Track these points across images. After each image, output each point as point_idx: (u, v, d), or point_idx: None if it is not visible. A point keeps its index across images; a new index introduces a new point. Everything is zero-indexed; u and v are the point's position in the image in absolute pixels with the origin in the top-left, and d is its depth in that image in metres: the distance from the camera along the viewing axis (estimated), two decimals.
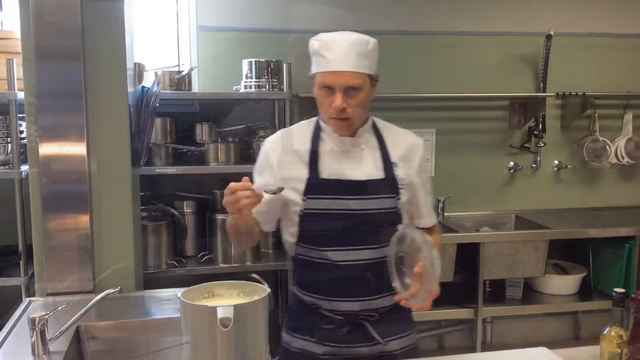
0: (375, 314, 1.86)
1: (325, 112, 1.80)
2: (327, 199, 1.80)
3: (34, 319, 1.77)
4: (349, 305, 1.83)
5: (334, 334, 1.84)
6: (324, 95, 1.77)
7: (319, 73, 1.77)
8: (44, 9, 2.28)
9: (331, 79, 1.73)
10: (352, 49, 1.73)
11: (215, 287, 1.40)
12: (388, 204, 1.83)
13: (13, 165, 2.84)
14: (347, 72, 1.72)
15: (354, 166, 1.83)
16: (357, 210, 1.79)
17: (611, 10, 3.98)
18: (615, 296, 1.63)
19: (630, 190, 4.16)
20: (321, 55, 1.75)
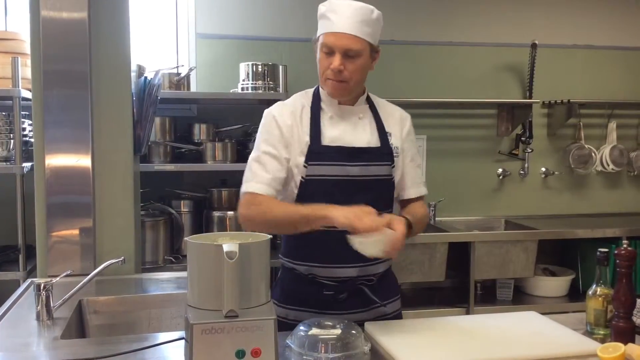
0: (373, 279, 1.91)
1: (322, 74, 1.84)
2: (329, 165, 1.83)
3: (39, 285, 1.83)
4: (347, 272, 1.86)
5: (334, 301, 1.87)
6: (324, 57, 1.81)
7: (323, 35, 1.81)
8: (52, 3, 2.37)
9: (332, 40, 1.78)
10: (356, 14, 1.78)
11: (219, 236, 1.46)
12: (384, 171, 1.88)
13: (15, 160, 2.91)
14: (348, 34, 1.76)
15: (353, 134, 1.88)
16: (357, 176, 1.84)
17: (594, 23, 4.15)
18: (599, 255, 1.71)
19: (616, 196, 4.27)
20: (326, 17, 1.81)
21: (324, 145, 1.85)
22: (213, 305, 1.34)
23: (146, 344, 1.58)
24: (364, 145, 1.88)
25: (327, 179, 1.84)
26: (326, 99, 1.92)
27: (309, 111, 1.90)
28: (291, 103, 1.94)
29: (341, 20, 1.77)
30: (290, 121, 1.88)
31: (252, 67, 3.35)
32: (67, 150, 2.40)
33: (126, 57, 2.47)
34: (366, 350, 1.53)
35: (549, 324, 1.77)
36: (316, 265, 1.88)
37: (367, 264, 1.86)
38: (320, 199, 1.81)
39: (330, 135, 1.87)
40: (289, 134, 1.87)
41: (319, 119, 1.89)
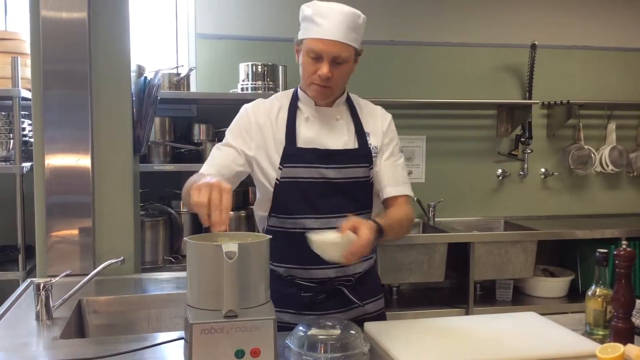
0: (352, 279, 1.90)
1: (307, 78, 1.80)
2: (304, 167, 1.82)
3: (38, 284, 1.83)
4: (325, 273, 1.85)
5: (313, 302, 1.86)
6: (310, 62, 1.77)
7: (309, 39, 1.76)
8: (52, 3, 2.37)
9: (321, 47, 1.74)
10: (345, 20, 1.75)
11: (218, 236, 1.46)
12: (362, 173, 1.86)
13: (15, 160, 2.91)
14: (338, 42, 1.73)
15: (330, 136, 1.86)
16: (333, 179, 1.82)
17: (593, 24, 4.16)
18: (598, 256, 1.71)
19: (615, 197, 4.27)
20: (313, 21, 1.75)
21: (298, 147, 1.83)
22: (212, 305, 1.34)
23: (146, 344, 1.58)
24: (340, 147, 1.85)
25: (302, 181, 1.82)
26: (304, 100, 1.89)
27: (286, 111, 1.88)
28: (269, 102, 1.92)
29: (331, 26, 1.73)
30: (263, 120, 1.86)
31: (252, 67, 3.35)
32: (66, 150, 2.40)
33: (126, 57, 2.47)
34: (365, 351, 1.53)
35: (548, 324, 1.77)
36: (294, 267, 1.86)
37: (344, 265, 1.79)
38: (295, 201, 1.82)
39: (306, 137, 1.85)
40: (259, 132, 1.85)
41: (295, 120, 1.87)
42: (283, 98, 1.93)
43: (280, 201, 1.84)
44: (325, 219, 1.82)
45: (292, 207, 1.83)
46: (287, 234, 1.84)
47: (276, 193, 1.84)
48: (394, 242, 3.36)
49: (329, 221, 1.81)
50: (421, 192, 3.88)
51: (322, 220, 1.82)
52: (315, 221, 1.82)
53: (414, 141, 3.94)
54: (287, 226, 1.84)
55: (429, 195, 3.89)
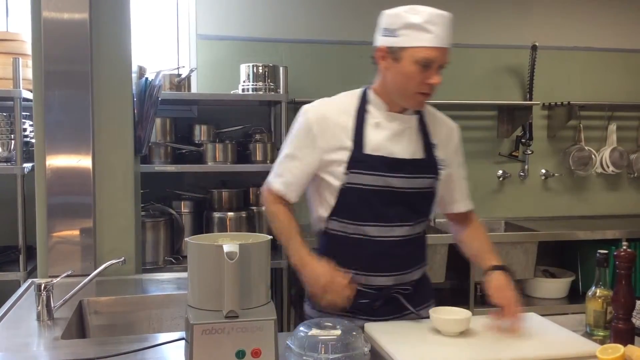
0: (409, 287, 1.90)
1: (414, 87, 1.74)
2: (370, 174, 1.79)
3: (39, 285, 1.83)
4: (383, 280, 1.85)
5: (368, 308, 1.85)
6: (418, 71, 1.72)
7: (419, 48, 1.70)
8: (54, 4, 2.38)
9: (435, 55, 1.70)
10: (449, 25, 1.73)
11: (219, 237, 1.47)
12: (427, 183, 1.84)
13: (16, 161, 2.92)
14: (447, 48, 1.73)
15: (398, 144, 1.82)
16: (398, 188, 1.80)
17: (594, 25, 4.16)
18: (599, 257, 1.71)
19: (616, 198, 4.27)
20: (424, 29, 1.69)
21: (365, 154, 1.80)
22: (213, 306, 1.35)
23: (146, 344, 1.59)
24: (408, 157, 1.82)
25: (367, 188, 1.79)
26: (376, 104, 1.85)
27: (354, 114, 1.84)
28: (333, 103, 1.88)
29: (442, 33, 1.71)
30: (326, 122, 1.82)
31: (253, 68, 3.36)
32: (67, 150, 2.40)
33: (127, 58, 2.48)
34: (366, 351, 1.53)
35: (549, 325, 1.78)
36: (353, 272, 1.82)
37: (403, 273, 1.87)
38: (359, 208, 1.81)
39: (374, 143, 1.81)
40: (322, 136, 1.82)
41: (363, 124, 1.83)
42: (350, 99, 1.88)
43: (343, 206, 1.82)
44: (387, 227, 1.82)
45: (355, 213, 1.82)
46: (348, 238, 1.83)
47: (340, 197, 1.82)
48: None
49: (390, 229, 1.81)
50: None
51: (383, 228, 1.82)
52: (376, 229, 1.82)
53: None
54: (348, 231, 1.83)
55: None
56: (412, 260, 1.90)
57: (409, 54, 1.72)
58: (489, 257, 1.91)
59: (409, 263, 1.89)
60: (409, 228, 1.84)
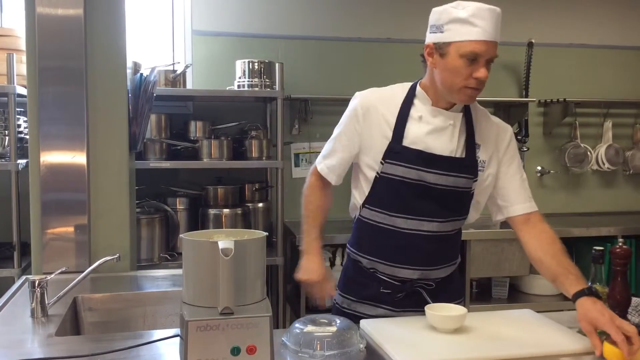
0: (432, 284, 1.90)
1: (461, 82, 1.73)
2: (406, 167, 1.80)
3: (34, 281, 1.82)
4: (408, 273, 1.86)
5: (390, 299, 1.88)
6: (465, 66, 1.70)
7: (466, 42, 1.69)
8: (48, 0, 2.36)
9: (483, 49, 1.69)
10: (498, 20, 1.72)
11: (214, 233, 1.46)
12: (463, 183, 1.83)
13: (10, 157, 2.91)
14: (495, 42, 1.72)
15: (438, 140, 1.82)
16: (430, 183, 1.80)
17: (590, 22, 4.16)
18: (594, 253, 1.71)
19: (611, 195, 4.28)
20: (472, 23, 1.69)
21: (403, 146, 1.81)
22: (208, 302, 1.34)
23: (141, 341, 1.58)
24: (446, 154, 1.82)
25: (400, 180, 1.81)
26: (422, 98, 1.86)
27: (399, 106, 1.85)
28: (383, 92, 1.92)
29: (489, 27, 1.69)
30: (373, 111, 1.85)
31: (249, 64, 3.35)
32: (62, 147, 2.39)
33: (122, 54, 2.46)
34: (361, 348, 1.53)
35: (544, 321, 1.77)
36: (379, 261, 1.88)
37: (429, 268, 1.87)
38: (391, 198, 1.83)
39: (413, 136, 1.82)
40: (366, 124, 1.86)
41: (407, 116, 1.84)
42: (399, 91, 1.90)
43: (376, 195, 1.85)
44: (417, 221, 1.83)
45: (386, 203, 1.84)
46: (377, 227, 1.86)
47: (374, 186, 1.85)
48: None
49: (419, 223, 1.82)
50: None
51: (412, 221, 1.83)
52: (405, 221, 1.83)
53: None
54: (378, 220, 1.86)
55: None
56: (440, 257, 1.90)
57: (455, 49, 1.71)
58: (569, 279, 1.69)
59: (436, 259, 1.89)
60: (438, 224, 1.84)
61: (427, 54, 1.81)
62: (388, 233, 1.82)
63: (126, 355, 1.50)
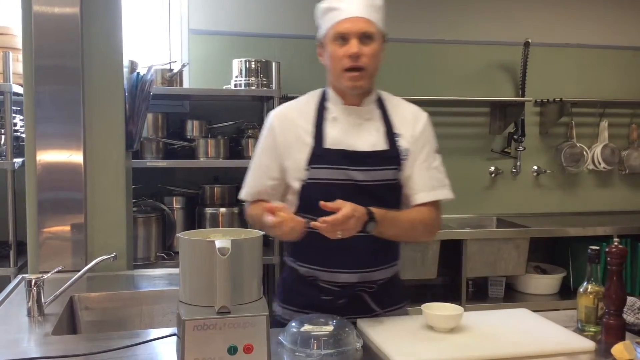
0: (374, 286, 1.87)
1: (338, 64, 1.76)
2: (331, 168, 1.79)
3: (30, 280, 1.82)
4: (347, 277, 1.83)
5: (332, 306, 1.82)
6: (338, 47, 1.75)
7: (333, 25, 1.76)
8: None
9: (347, 26, 1.73)
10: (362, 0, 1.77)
11: (211, 232, 1.46)
12: (390, 175, 1.82)
13: (6, 156, 2.90)
14: (363, 18, 1.74)
15: (358, 136, 1.83)
16: (360, 181, 1.79)
17: (586, 22, 4.17)
18: (590, 253, 1.72)
19: (607, 195, 4.29)
20: (333, 8, 1.76)
21: (325, 148, 1.81)
22: (205, 302, 1.34)
23: (138, 340, 1.58)
24: (368, 149, 1.81)
25: (329, 183, 1.79)
26: (332, 99, 1.87)
27: (314, 112, 1.86)
28: (295, 103, 1.93)
29: (352, 5, 1.75)
30: (288, 124, 1.86)
31: (245, 63, 3.34)
32: (58, 146, 2.38)
33: (118, 53, 2.46)
34: (358, 347, 1.53)
35: (540, 321, 1.78)
36: (318, 268, 1.84)
37: (368, 270, 1.84)
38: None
39: (333, 137, 1.82)
40: (284, 137, 1.85)
41: (322, 120, 1.84)
42: (311, 98, 1.91)
43: (306, 202, 1.82)
44: None
45: (318, 209, 1.75)
46: (312, 234, 1.77)
47: (303, 194, 1.83)
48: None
49: None
50: None
51: None
52: None
53: None
54: None
55: None
56: (379, 258, 1.86)
57: (328, 38, 1.79)
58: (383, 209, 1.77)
59: (374, 261, 1.85)
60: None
61: (319, 55, 1.87)
62: (323, 238, 1.69)
63: (123, 355, 1.50)
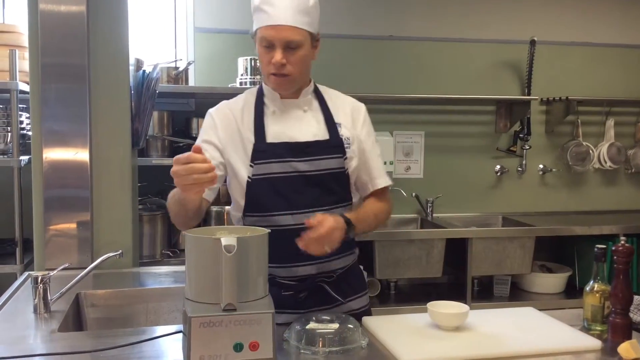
0: (333, 275, 1.86)
1: (265, 68, 1.78)
2: (275, 162, 1.78)
3: (36, 278, 1.83)
4: (305, 270, 1.82)
5: (294, 300, 1.82)
6: (265, 52, 1.75)
7: (260, 29, 1.74)
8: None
9: (272, 34, 1.71)
10: (293, 4, 1.72)
11: (217, 230, 1.46)
12: (335, 164, 1.82)
13: (13, 154, 2.91)
14: (288, 26, 1.71)
15: (298, 128, 1.83)
16: (305, 172, 1.79)
17: (593, 20, 4.15)
18: (597, 251, 1.71)
19: (613, 194, 4.28)
20: (262, 10, 1.73)
21: (268, 143, 1.80)
22: (211, 299, 1.34)
23: (144, 337, 1.58)
24: (310, 139, 1.82)
25: (275, 177, 1.79)
26: (269, 94, 1.86)
27: (253, 109, 1.86)
28: (233, 102, 1.90)
29: (278, 12, 1.71)
30: (228, 121, 1.84)
31: (251, 61, 3.34)
32: (64, 143, 2.39)
33: (124, 51, 2.47)
34: (363, 345, 1.53)
35: (546, 319, 1.78)
36: (275, 265, 1.78)
37: (325, 261, 1.82)
38: (269, 198, 1.79)
39: (274, 132, 1.82)
40: (226, 134, 1.83)
41: (262, 116, 1.84)
42: (248, 96, 1.91)
43: (253, 199, 1.80)
44: (302, 214, 1.77)
45: (266, 204, 1.79)
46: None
47: (249, 191, 1.81)
48: (391, 238, 3.37)
49: (305, 216, 1.74)
50: (419, 188, 3.89)
51: (298, 215, 1.78)
52: (291, 217, 1.78)
53: (413, 137, 3.93)
54: (263, 224, 1.75)
55: (427, 191, 3.89)
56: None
57: (257, 38, 1.78)
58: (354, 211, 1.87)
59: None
60: (324, 213, 1.73)
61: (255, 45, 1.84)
62: (276, 234, 1.66)
63: (129, 352, 1.50)
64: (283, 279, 1.84)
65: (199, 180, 1.48)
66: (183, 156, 1.49)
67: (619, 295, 1.62)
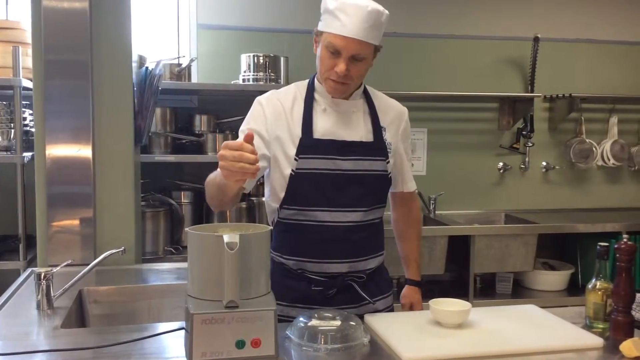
0: (363, 275, 1.87)
1: (324, 72, 1.79)
2: (320, 158, 1.80)
3: (39, 274, 1.83)
4: (337, 267, 1.83)
5: (323, 297, 1.82)
6: (328, 57, 1.75)
7: (329, 34, 1.73)
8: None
9: (341, 44, 1.71)
10: (368, 18, 1.71)
11: (219, 227, 1.47)
12: (378, 166, 1.85)
13: (16, 150, 2.91)
14: (359, 40, 1.70)
15: (346, 128, 1.84)
16: (348, 170, 1.81)
17: (597, 17, 4.14)
18: (599, 249, 1.71)
19: (616, 191, 4.27)
20: (335, 16, 1.72)
21: (315, 139, 1.81)
22: (213, 296, 1.35)
23: (146, 333, 1.59)
24: (357, 140, 1.84)
25: (318, 172, 1.80)
26: (321, 91, 1.87)
27: (302, 103, 1.86)
28: (283, 93, 1.90)
29: (353, 23, 1.69)
30: (277, 112, 1.84)
31: (254, 58, 3.34)
32: (67, 140, 2.40)
33: (127, 47, 2.47)
34: (365, 342, 1.53)
35: (549, 317, 1.78)
36: (306, 260, 1.83)
37: (357, 260, 1.85)
38: (310, 193, 1.80)
39: (322, 128, 1.83)
40: (273, 125, 1.83)
41: (312, 111, 1.85)
42: (298, 89, 1.91)
43: (294, 192, 1.82)
44: (339, 212, 1.80)
45: (306, 199, 1.81)
46: (299, 226, 1.82)
47: (290, 184, 1.81)
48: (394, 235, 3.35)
49: (343, 214, 1.80)
50: (422, 185, 3.86)
51: (335, 213, 1.80)
52: (329, 214, 1.80)
53: (416, 134, 3.93)
54: (300, 218, 1.82)
55: (430, 188, 3.89)
56: (367, 247, 1.89)
57: (323, 39, 1.77)
58: (412, 268, 2.11)
59: (364, 250, 1.88)
60: (362, 214, 1.83)
61: (314, 41, 1.84)
62: (312, 229, 1.76)
63: (131, 348, 1.50)
64: (313, 274, 1.84)
65: (244, 169, 1.44)
66: (235, 143, 1.46)
67: (622, 293, 1.62)
